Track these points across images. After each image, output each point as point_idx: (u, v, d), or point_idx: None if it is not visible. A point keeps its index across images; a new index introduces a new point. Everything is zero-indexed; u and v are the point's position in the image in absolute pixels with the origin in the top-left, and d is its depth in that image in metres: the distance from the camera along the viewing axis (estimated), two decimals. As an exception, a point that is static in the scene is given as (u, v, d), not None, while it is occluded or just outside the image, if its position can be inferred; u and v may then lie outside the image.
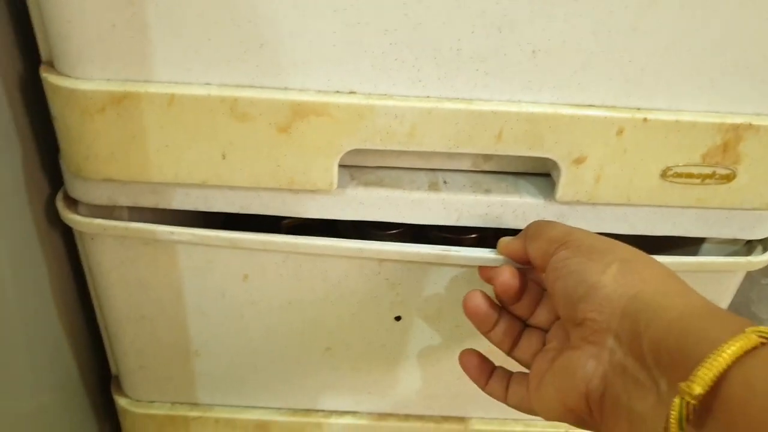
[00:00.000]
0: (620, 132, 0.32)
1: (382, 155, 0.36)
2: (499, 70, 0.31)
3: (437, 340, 0.41)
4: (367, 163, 0.36)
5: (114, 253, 0.36)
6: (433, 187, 0.35)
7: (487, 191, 0.35)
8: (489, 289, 0.33)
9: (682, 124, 0.32)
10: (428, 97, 0.32)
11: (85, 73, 0.30)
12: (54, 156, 0.36)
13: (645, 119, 0.32)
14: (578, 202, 0.35)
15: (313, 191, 0.34)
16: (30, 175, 0.36)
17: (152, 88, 0.31)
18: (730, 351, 0.20)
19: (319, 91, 0.31)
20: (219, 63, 0.30)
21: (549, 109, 0.32)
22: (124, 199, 0.35)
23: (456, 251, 0.35)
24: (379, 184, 0.35)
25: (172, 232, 0.35)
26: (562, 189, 0.34)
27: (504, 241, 0.34)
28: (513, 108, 0.32)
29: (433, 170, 0.37)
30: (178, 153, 0.32)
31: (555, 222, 0.32)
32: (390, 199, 0.35)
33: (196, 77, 0.31)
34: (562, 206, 0.35)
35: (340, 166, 0.33)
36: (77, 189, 0.35)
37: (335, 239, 0.36)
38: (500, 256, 0.34)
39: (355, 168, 0.36)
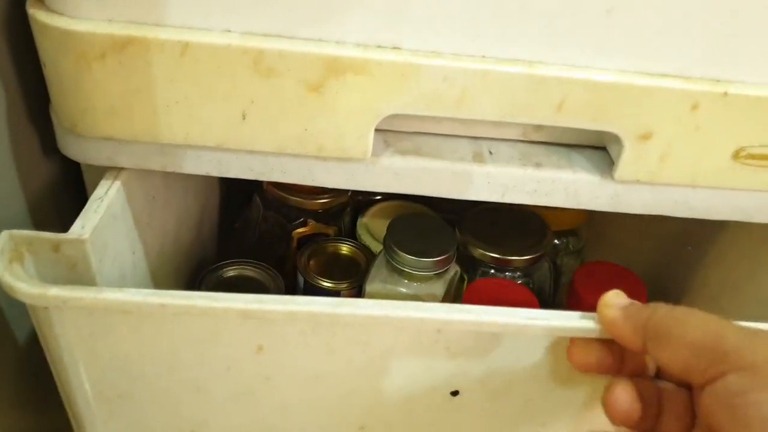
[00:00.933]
0: (695, 107, 0.29)
1: (421, 120, 0.32)
2: (568, 29, 0.27)
3: (502, 419, 0.32)
4: (404, 128, 0.32)
5: (80, 327, 0.26)
6: (478, 158, 0.32)
7: (538, 165, 0.32)
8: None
9: (765, 100, 0.29)
10: (484, 57, 0.27)
11: (82, 11, 0.25)
12: (44, 108, 0.31)
13: (725, 93, 0.28)
14: (638, 182, 0.31)
15: (343, 159, 0.30)
16: (16, 130, 0.31)
17: (163, 34, 0.26)
18: None
19: (359, 45, 0.27)
20: (243, 7, 0.26)
21: (619, 78, 0.28)
22: (127, 161, 0.31)
23: (544, 319, 0.27)
24: (417, 152, 0.31)
25: (163, 305, 0.25)
26: (623, 167, 0.30)
27: (609, 312, 0.25)
28: (579, 74, 0.28)
29: (476, 138, 0.33)
30: (191, 111, 0.28)
31: (679, 308, 0.23)
32: (428, 171, 0.31)
33: (216, 23, 0.26)
34: (618, 185, 0.32)
35: (376, 130, 0.29)
36: (71, 147, 0.30)
37: (385, 305, 0.27)
38: (597, 327, 0.26)
39: (390, 133, 0.32)
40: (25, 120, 0.32)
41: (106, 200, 0.29)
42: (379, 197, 0.51)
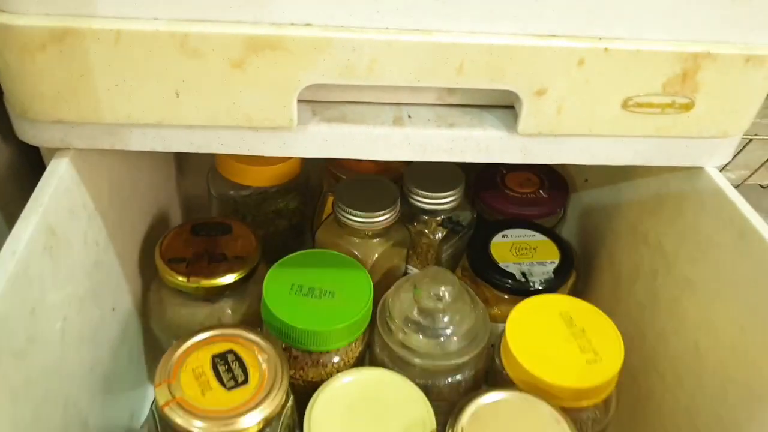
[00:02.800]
0: (581, 62, 0.32)
1: (344, 90, 0.35)
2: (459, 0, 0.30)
3: None
4: (330, 98, 0.35)
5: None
6: (398, 121, 0.35)
7: (452, 125, 0.35)
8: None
9: (643, 54, 0.32)
10: (387, 28, 0.31)
11: (21, 6, 0.29)
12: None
13: (606, 49, 0.32)
14: (540, 134, 0.35)
15: (273, 128, 0.34)
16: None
17: (96, 24, 0.29)
18: None
19: (273, 24, 0.30)
20: (165, -5, 0.29)
21: (510, 41, 0.31)
22: (79, 142, 0.34)
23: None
24: (342, 119, 0.35)
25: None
26: (524, 121, 0.34)
27: None
28: (473, 39, 0.31)
29: (397, 104, 0.36)
30: (130, 92, 0.31)
31: None
32: (353, 135, 0.35)
33: (144, 11, 0.29)
34: (524, 138, 0.35)
35: (301, 101, 0.33)
36: (26, 132, 0.34)
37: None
38: None
39: (317, 103, 0.35)
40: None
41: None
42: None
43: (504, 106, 0.37)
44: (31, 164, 0.39)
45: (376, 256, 0.45)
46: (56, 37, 0.29)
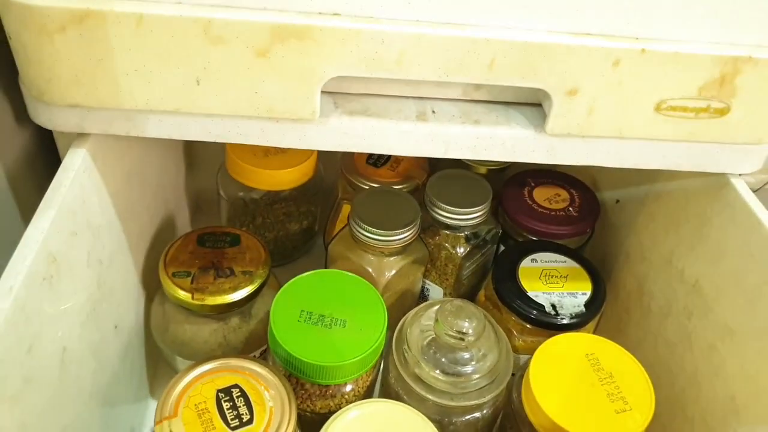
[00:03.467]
0: (616, 63, 0.31)
1: (368, 82, 0.34)
2: (495, -8, 0.29)
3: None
4: (352, 90, 0.34)
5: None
6: (421, 117, 0.34)
7: (476, 122, 0.34)
8: None
9: (681, 56, 0.31)
10: (418, 21, 0.30)
11: (41, -14, 0.28)
12: (15, 78, 0.33)
13: (643, 50, 0.31)
14: (569, 135, 0.34)
15: (294, 120, 0.33)
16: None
17: (118, 7, 0.28)
18: None
19: (301, 12, 0.29)
20: (190, -21, 0.28)
21: (544, 38, 0.30)
22: (94, 127, 0.33)
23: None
24: (365, 113, 0.34)
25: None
26: (553, 121, 0.33)
27: None
28: (507, 35, 0.30)
29: (421, 99, 0.35)
30: (149, 78, 0.30)
31: None
32: (375, 129, 0.34)
33: (166, -6, 0.28)
34: (552, 138, 0.34)
35: (323, 92, 0.32)
36: (41, 115, 0.33)
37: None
38: None
39: (340, 95, 0.34)
40: (-3, 91, 0.34)
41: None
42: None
43: (531, 104, 0.35)
44: (46, 150, 0.38)
45: (392, 273, 0.42)
46: (77, 18, 0.28)
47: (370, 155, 0.50)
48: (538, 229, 0.47)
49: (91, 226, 0.33)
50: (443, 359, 0.37)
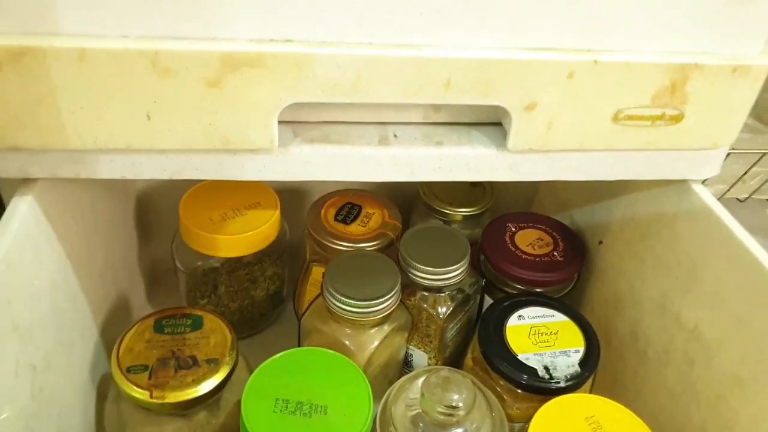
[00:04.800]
0: (571, 75, 0.31)
1: (326, 109, 0.34)
2: (448, 12, 0.29)
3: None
4: (311, 118, 0.34)
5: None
6: (383, 141, 0.33)
7: (439, 143, 0.34)
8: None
9: (632, 66, 0.31)
10: (371, 43, 0.29)
11: (-24, 26, 0.26)
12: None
13: (596, 62, 0.31)
14: (531, 150, 0.34)
15: (252, 151, 0.32)
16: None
17: (58, 42, 0.27)
18: None
19: (252, 40, 0.28)
20: (135, 10, 0.27)
21: (499, 54, 0.30)
22: (38, 171, 0.31)
23: None
24: (326, 140, 0.33)
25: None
26: (514, 138, 0.33)
27: None
28: (461, 54, 0.30)
29: (382, 124, 0.34)
30: (97, 115, 0.29)
31: None
32: (338, 157, 0.33)
33: (111, 29, 0.27)
34: (515, 155, 0.34)
35: (282, 122, 0.31)
36: (-19, 161, 0.31)
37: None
38: None
39: (298, 124, 0.34)
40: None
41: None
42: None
43: (492, 124, 0.35)
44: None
45: (374, 346, 0.39)
46: (13, 56, 0.27)
47: (339, 211, 0.47)
48: (524, 278, 0.44)
49: (18, 328, 0.29)
50: None
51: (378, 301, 0.38)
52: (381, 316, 0.38)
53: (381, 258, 0.41)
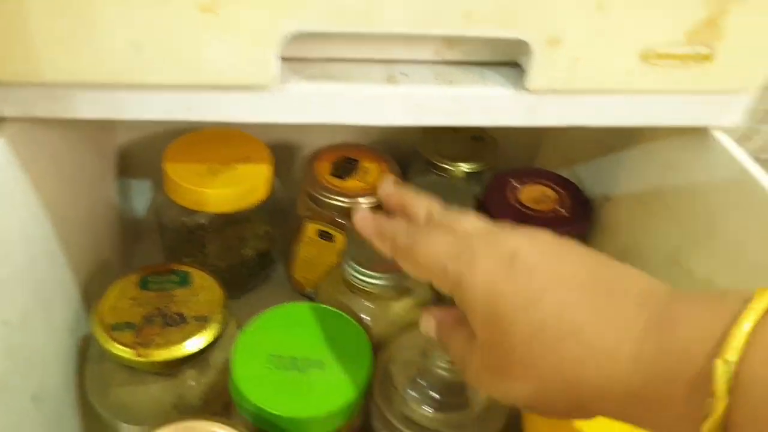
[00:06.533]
0: (600, 6, 0.29)
1: (330, 43, 0.31)
2: (467, -70, 0.26)
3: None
4: (312, 54, 0.31)
5: None
6: (391, 80, 0.31)
7: (451, 83, 0.31)
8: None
9: (666, -2, 0.29)
10: (386, -35, 0.26)
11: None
12: None
13: (627, -10, 0.28)
14: (552, 91, 0.31)
15: (248, 88, 0.29)
16: None
17: (30, -46, 0.23)
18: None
19: (252, -42, 0.25)
20: None
21: (523, -20, 0.27)
22: (9, 109, 0.28)
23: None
24: (328, 77, 0.30)
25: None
26: (534, 75, 0.30)
27: (359, 218, 0.30)
28: (484, -21, 0.27)
29: (389, 62, 0.32)
30: (76, 44, 0.26)
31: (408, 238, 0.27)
32: (341, 96, 0.30)
33: (89, -61, 0.24)
34: (533, 97, 0.31)
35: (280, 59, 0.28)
36: (-56, 96, 0.27)
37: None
38: None
39: (297, 61, 0.31)
40: None
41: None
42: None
43: (507, 64, 0.33)
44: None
45: (394, 320, 0.37)
46: (-22, -31, 0.23)
47: (335, 165, 0.44)
48: None
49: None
50: (436, 394, 0.32)
51: (399, 273, 0.35)
52: (401, 289, 0.36)
53: None
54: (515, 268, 0.23)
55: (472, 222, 0.27)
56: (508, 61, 0.33)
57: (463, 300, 0.24)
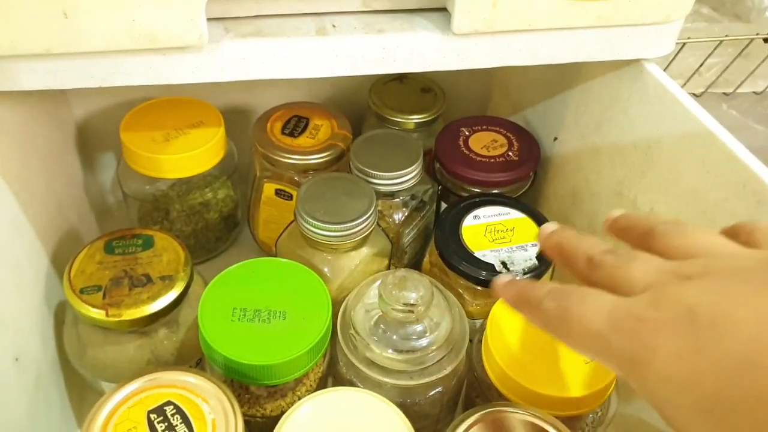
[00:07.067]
0: (514, -55, 0.30)
1: (257, 1, 0.32)
2: None
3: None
4: (242, 12, 0.32)
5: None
6: (321, 32, 0.32)
7: (381, 31, 0.32)
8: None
9: (578, -69, 0.30)
10: None
11: None
12: None
13: (539, -72, 0.29)
14: (476, 33, 0.32)
15: (181, 49, 0.30)
16: None
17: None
18: None
19: None
20: None
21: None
22: (-46, 83, 0.29)
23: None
24: (259, 34, 0.31)
25: None
26: (458, 18, 0.31)
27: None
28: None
29: (318, 14, 0.33)
30: (9, 15, 0.27)
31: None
32: (273, 51, 0.31)
33: None
34: (460, 40, 0.33)
35: (210, 19, 0.29)
36: None
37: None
38: None
39: (229, 20, 0.32)
40: None
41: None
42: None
43: (435, 10, 0.34)
44: None
45: (351, 270, 0.38)
46: None
47: (285, 125, 0.45)
48: (479, 179, 0.44)
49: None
50: (394, 337, 0.34)
51: (353, 223, 0.37)
52: (357, 239, 0.38)
53: (353, 179, 0.40)
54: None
55: (644, 265, 0.20)
56: (439, 7, 0.34)
57: (645, 389, 0.18)
